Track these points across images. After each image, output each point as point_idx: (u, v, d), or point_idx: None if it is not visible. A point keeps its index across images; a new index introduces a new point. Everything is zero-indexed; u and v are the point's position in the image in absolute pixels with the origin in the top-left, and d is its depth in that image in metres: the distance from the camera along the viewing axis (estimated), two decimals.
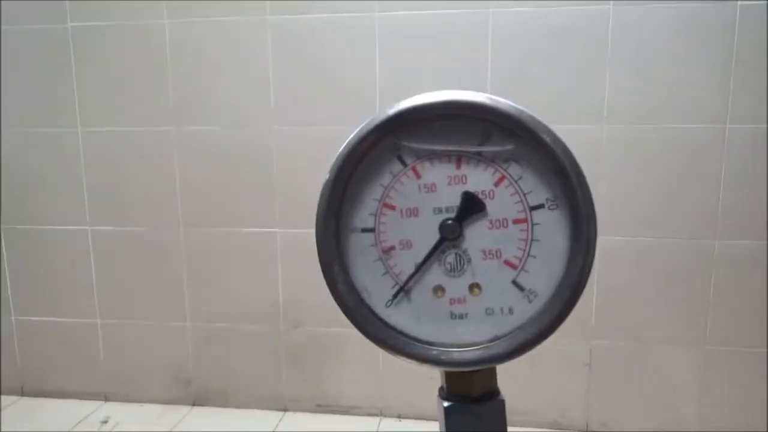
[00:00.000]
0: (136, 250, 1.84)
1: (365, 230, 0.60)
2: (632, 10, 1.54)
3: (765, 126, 1.54)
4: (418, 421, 1.80)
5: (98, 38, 1.76)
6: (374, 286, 0.60)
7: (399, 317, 0.60)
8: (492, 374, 0.62)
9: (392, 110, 0.60)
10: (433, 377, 0.65)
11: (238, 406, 1.88)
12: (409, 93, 1.69)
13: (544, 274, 0.59)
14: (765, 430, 1.66)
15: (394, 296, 0.60)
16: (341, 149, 0.60)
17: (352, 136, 0.60)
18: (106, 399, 1.94)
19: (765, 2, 1.49)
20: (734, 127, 1.55)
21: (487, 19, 1.60)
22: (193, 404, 1.90)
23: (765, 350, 1.63)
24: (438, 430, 0.63)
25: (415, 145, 0.60)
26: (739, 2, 1.50)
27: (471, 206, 0.59)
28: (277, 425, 1.78)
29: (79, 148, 1.81)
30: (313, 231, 0.60)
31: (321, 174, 0.59)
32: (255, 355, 1.85)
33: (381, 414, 1.83)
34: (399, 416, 1.82)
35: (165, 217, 1.81)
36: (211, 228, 1.80)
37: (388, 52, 1.65)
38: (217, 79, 1.73)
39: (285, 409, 1.86)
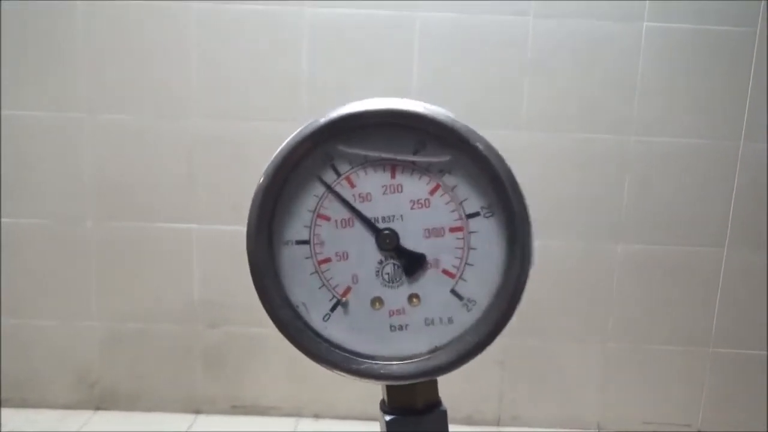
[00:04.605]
0: (37, 244, 1.75)
1: (300, 242, 0.59)
2: (550, 23, 1.61)
3: (664, 139, 1.66)
4: (336, 421, 1.80)
5: None
6: (311, 300, 0.59)
7: (337, 331, 0.59)
8: (434, 385, 0.62)
9: (329, 117, 0.58)
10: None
11: (148, 410, 1.82)
12: (335, 89, 1.68)
13: (482, 283, 0.59)
14: (660, 420, 1.80)
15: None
16: (275, 155, 0.58)
17: (286, 142, 0.58)
18: None
19: (667, 24, 1.61)
20: (637, 139, 1.67)
21: (413, 22, 1.62)
22: (97, 408, 1.82)
23: (661, 347, 1.76)
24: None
25: (350, 151, 0.59)
26: (645, 23, 1.61)
27: (413, 262, 0.59)
28: (189, 427, 1.74)
29: None
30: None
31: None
32: (168, 356, 1.80)
33: (298, 414, 1.82)
34: (316, 416, 1.81)
35: (71, 209, 1.73)
36: (123, 222, 1.73)
37: (315, 47, 1.64)
38: (135, 65, 1.66)
39: (198, 412, 1.82)
